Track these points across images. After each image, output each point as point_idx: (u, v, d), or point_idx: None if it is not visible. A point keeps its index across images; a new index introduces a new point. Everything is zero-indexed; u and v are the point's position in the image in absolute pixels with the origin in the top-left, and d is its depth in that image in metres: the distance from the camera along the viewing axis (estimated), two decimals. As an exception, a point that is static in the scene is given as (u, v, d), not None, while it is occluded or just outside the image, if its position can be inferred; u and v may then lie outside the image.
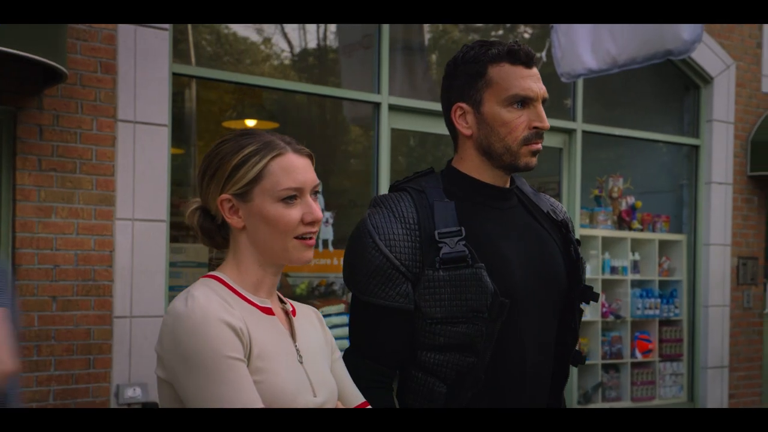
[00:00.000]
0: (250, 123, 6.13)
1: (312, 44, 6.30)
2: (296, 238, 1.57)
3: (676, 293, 7.17)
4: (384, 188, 5.61)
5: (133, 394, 4.52)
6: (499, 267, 1.82)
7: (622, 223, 7.01)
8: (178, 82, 5.17)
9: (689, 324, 7.27)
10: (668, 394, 7.10)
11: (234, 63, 5.93)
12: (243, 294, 1.57)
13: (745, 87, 7.51)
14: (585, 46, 4.64)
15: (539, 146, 1.88)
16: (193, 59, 5.32)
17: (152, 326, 4.64)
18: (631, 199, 7.08)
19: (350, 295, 6.05)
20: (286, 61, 6.26)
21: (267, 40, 6.08)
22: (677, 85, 7.46)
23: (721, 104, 7.34)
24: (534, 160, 1.89)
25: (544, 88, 1.88)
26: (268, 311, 1.59)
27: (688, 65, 7.18)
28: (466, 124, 1.91)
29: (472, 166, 1.91)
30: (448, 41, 6.88)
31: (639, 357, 6.90)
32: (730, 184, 7.38)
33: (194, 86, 5.58)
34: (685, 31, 4.29)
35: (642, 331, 6.95)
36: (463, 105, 1.90)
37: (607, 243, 6.82)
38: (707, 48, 7.12)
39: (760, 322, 7.69)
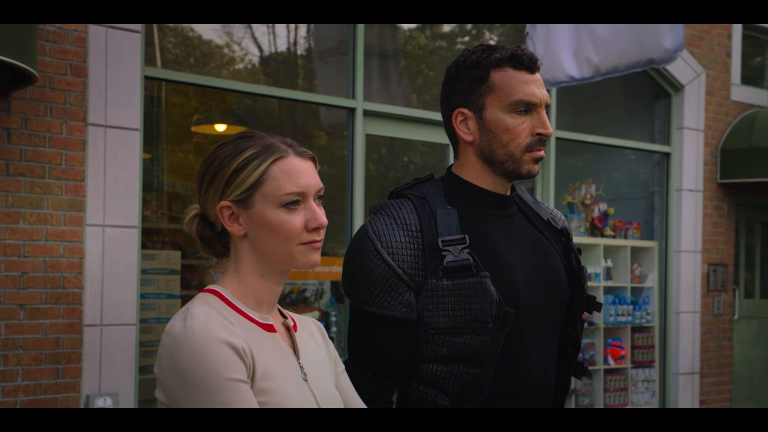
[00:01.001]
0: (220, 128, 6.05)
1: (282, 49, 6.24)
2: (301, 244, 1.49)
3: (647, 300, 7.20)
4: (359, 194, 5.56)
5: (104, 405, 4.41)
6: (503, 276, 1.77)
7: (594, 229, 7.02)
8: (148, 86, 5.07)
9: (661, 330, 7.30)
10: (640, 401, 7.12)
11: (204, 67, 5.85)
12: (244, 311, 1.50)
13: (714, 95, 7.58)
14: (566, 54, 4.64)
15: (542, 153, 1.83)
16: (159, 62, 5.23)
17: (123, 334, 4.54)
18: (603, 206, 7.10)
19: (323, 300, 5.92)
20: (258, 67, 6.19)
21: (237, 44, 6.00)
22: (648, 93, 7.50)
23: (692, 112, 7.40)
24: (536, 168, 1.85)
25: (547, 93, 1.85)
26: (269, 328, 1.52)
27: (659, 73, 7.23)
28: (467, 130, 1.86)
29: (473, 172, 1.87)
30: (415, 47, 6.87)
31: (612, 364, 6.90)
32: (700, 191, 7.44)
33: (163, 90, 5.49)
34: (667, 40, 4.30)
35: (614, 338, 6.96)
36: (465, 110, 1.85)
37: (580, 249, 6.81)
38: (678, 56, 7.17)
39: (730, 329, 7.75)
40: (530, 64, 1.83)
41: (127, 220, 4.56)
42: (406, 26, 6.56)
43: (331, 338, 5.77)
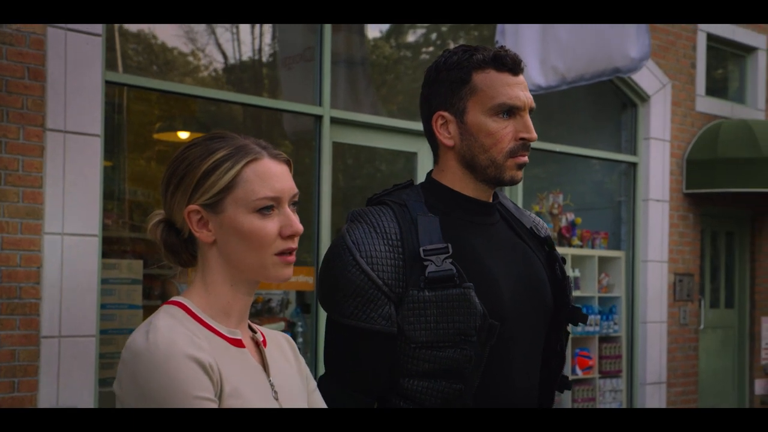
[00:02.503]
0: (183, 135, 5.93)
1: (247, 56, 6.15)
2: (275, 254, 1.40)
3: (615, 309, 7.19)
4: (326, 203, 5.48)
5: (61, 420, 4.26)
6: (487, 287, 1.69)
7: (562, 239, 7.00)
8: (109, 91, 4.95)
9: (628, 340, 7.30)
10: (608, 411, 7.09)
11: (167, 74, 5.73)
12: (211, 324, 1.39)
13: (680, 106, 7.61)
14: (533, 63, 4.63)
15: (525, 159, 1.75)
16: (120, 68, 5.11)
17: (82, 347, 4.40)
18: (570, 216, 7.09)
19: (289, 311, 5.80)
20: (221, 74, 6.09)
21: (201, 51, 5.90)
22: (615, 103, 7.52)
23: (658, 122, 7.43)
24: (520, 174, 1.76)
25: (531, 96, 1.77)
26: (238, 343, 1.41)
27: (626, 83, 7.25)
28: (448, 134, 1.77)
29: (454, 178, 1.78)
30: (379, 56, 6.83)
31: (579, 374, 6.87)
32: (666, 201, 7.46)
33: (125, 96, 5.36)
34: (633, 48, 4.31)
35: (582, 348, 6.94)
36: (445, 114, 1.77)
37: (548, 259, 6.78)
38: (644, 67, 7.20)
39: (696, 338, 7.77)
40: (514, 66, 1.75)
41: (87, 228, 4.43)
42: (370, 35, 6.52)
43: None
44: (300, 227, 1.41)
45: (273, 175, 1.40)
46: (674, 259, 7.52)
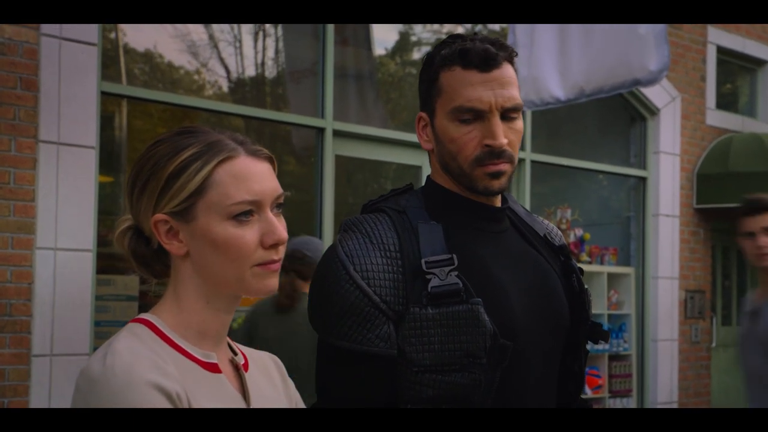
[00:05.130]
0: (185, 149, 5.80)
1: (251, 70, 6.04)
2: (255, 265, 1.22)
3: (624, 327, 7.02)
4: (328, 218, 5.35)
5: (52, 442, 4.11)
6: (498, 302, 1.50)
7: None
8: (108, 105, 4.83)
9: (638, 359, 7.13)
10: None
11: (168, 86, 5.62)
12: (182, 346, 1.22)
13: (690, 119, 7.48)
14: (551, 76, 4.54)
15: (498, 167, 1.54)
16: (124, 80, 4.99)
17: (75, 366, 4.24)
18: (579, 232, 6.94)
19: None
20: (224, 86, 5.97)
21: (204, 66, 5.79)
22: (624, 117, 7.39)
23: (668, 136, 7.29)
24: (496, 183, 1.55)
25: (507, 94, 1.54)
26: (213, 368, 1.24)
27: (635, 96, 7.12)
28: (426, 137, 1.62)
29: (445, 182, 1.62)
30: (384, 74, 6.74)
31: (589, 393, 6.70)
32: (677, 216, 7.31)
33: (124, 109, 5.24)
34: (652, 60, 4.22)
35: (592, 366, 6.77)
36: (424, 115, 1.62)
37: (556, 276, 6.64)
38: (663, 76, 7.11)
39: (708, 357, 7.60)
40: (482, 61, 1.53)
41: (80, 243, 4.29)
42: (376, 52, 6.43)
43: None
44: (284, 235, 1.23)
45: (251, 175, 1.22)
46: (685, 275, 7.36)
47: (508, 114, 1.55)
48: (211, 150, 1.22)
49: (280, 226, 1.23)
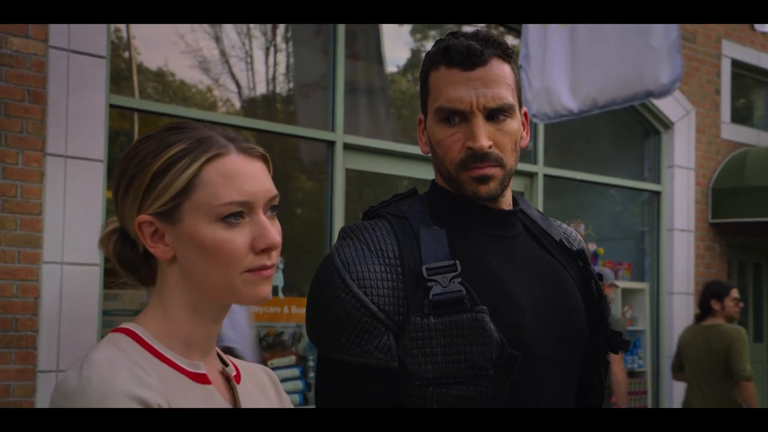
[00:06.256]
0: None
1: (261, 87, 6.02)
2: (246, 271, 1.15)
3: (639, 343, 6.93)
4: (338, 231, 5.29)
5: (58, 459, 4.06)
6: (506, 310, 1.42)
7: (584, 270, 6.78)
8: (118, 119, 4.80)
9: (653, 375, 7.03)
10: (633, 451, 6.82)
11: (180, 102, 5.59)
12: (167, 356, 1.14)
13: (704, 133, 7.40)
14: (563, 88, 4.51)
15: (483, 171, 1.45)
16: (137, 94, 4.97)
17: (81, 382, 4.20)
18: (592, 246, 6.87)
19: (301, 345, 5.53)
20: (235, 103, 5.94)
21: (214, 81, 5.76)
22: (637, 130, 7.32)
23: (682, 150, 7.22)
24: (483, 188, 1.46)
25: (491, 93, 1.45)
26: (201, 378, 1.16)
27: (649, 110, 7.06)
28: (424, 140, 1.56)
29: (447, 184, 1.55)
30: (396, 91, 6.71)
31: (603, 411, 6.60)
32: (692, 231, 7.22)
33: (135, 123, 5.21)
34: (665, 71, 4.19)
35: (606, 384, 6.68)
36: (422, 117, 1.57)
37: (570, 291, 6.58)
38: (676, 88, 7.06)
39: (725, 374, 7.47)
40: (464, 60, 1.45)
41: (87, 257, 4.25)
42: (388, 69, 6.40)
43: (308, 384, 5.46)
44: (277, 239, 1.15)
45: (242, 174, 1.14)
46: (700, 291, 7.26)
47: (495, 114, 1.47)
48: (199, 147, 1.14)
49: (272, 230, 1.15)
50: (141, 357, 1.12)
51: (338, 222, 5.32)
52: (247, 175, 1.15)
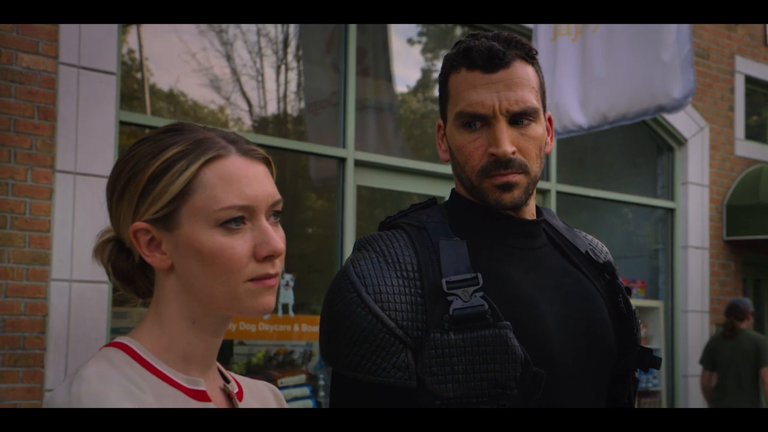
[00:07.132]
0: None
1: (272, 105, 6.00)
2: (249, 280, 1.08)
3: (654, 363, 6.84)
4: (349, 248, 5.25)
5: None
6: (531, 326, 1.35)
7: (597, 288, 6.71)
8: (128, 136, 4.78)
9: (668, 395, 6.92)
10: (648, 472, 6.72)
11: (191, 120, 5.57)
12: (162, 370, 1.08)
13: (719, 150, 7.34)
14: (573, 103, 4.45)
15: (506, 179, 1.39)
16: (149, 111, 4.95)
17: (89, 401, 4.15)
18: (606, 264, 6.80)
19: (312, 363, 5.47)
20: (246, 121, 5.92)
21: (225, 99, 5.75)
22: (651, 147, 7.26)
23: (696, 167, 7.15)
24: (507, 197, 1.40)
25: (514, 97, 1.38)
26: (200, 396, 1.10)
27: (662, 126, 7.00)
28: (444, 147, 1.50)
29: (467, 194, 1.48)
30: (407, 110, 6.68)
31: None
32: (706, 248, 7.14)
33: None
34: (677, 86, 4.12)
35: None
36: (441, 123, 1.50)
37: (583, 309, 6.51)
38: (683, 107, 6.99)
39: (741, 394, 7.37)
40: (486, 62, 1.39)
41: (96, 275, 4.21)
42: (398, 89, 6.37)
43: (319, 404, 5.40)
44: (280, 245, 1.09)
45: (243, 177, 1.08)
46: (715, 309, 7.17)
47: (518, 119, 1.40)
48: (197, 148, 1.08)
49: (275, 236, 1.09)
50: (135, 372, 1.06)
51: (349, 240, 5.27)
52: (248, 178, 1.09)
